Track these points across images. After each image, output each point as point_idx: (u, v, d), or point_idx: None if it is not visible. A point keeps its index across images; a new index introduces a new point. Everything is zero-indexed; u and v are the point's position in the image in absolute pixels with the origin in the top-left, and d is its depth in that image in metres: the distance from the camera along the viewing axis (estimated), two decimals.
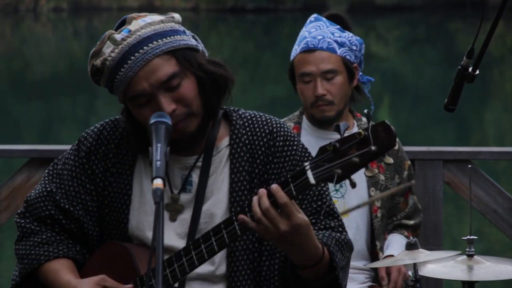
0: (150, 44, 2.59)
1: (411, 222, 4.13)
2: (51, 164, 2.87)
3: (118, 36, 2.62)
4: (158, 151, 2.39)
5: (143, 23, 2.63)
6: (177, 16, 2.71)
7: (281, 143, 2.72)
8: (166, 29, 2.64)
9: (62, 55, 32.32)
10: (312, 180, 2.34)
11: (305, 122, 4.04)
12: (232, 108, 2.81)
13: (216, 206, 2.70)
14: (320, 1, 38.74)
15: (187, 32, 2.71)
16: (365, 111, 2.35)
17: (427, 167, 4.98)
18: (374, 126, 2.26)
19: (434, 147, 5.26)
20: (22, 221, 2.81)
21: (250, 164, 2.71)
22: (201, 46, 2.71)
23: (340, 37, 3.94)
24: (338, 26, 3.98)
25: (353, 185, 2.31)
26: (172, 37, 2.63)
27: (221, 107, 2.75)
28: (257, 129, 2.74)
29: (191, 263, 2.55)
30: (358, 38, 4.02)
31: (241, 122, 2.76)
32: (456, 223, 10.46)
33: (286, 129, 2.76)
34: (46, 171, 2.86)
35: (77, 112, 21.27)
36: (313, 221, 2.65)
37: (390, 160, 3.98)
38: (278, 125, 2.76)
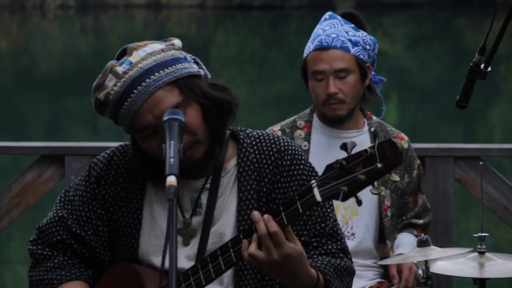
0: (152, 76, 2.59)
1: (421, 221, 4.14)
2: (63, 191, 2.88)
3: (119, 69, 2.61)
4: (171, 148, 2.40)
5: (144, 53, 2.62)
6: (177, 42, 2.70)
7: (288, 162, 2.72)
8: (167, 58, 2.63)
9: (69, 52, 32.38)
10: (318, 198, 2.36)
11: (315, 120, 4.04)
12: (239, 128, 2.81)
13: (225, 226, 2.71)
14: None
15: (188, 57, 2.70)
16: (372, 129, 2.38)
17: (437, 164, 4.98)
18: (380, 144, 2.29)
19: (445, 144, 5.25)
20: (34, 247, 2.83)
21: (258, 182, 2.72)
22: (203, 71, 2.71)
23: (354, 36, 3.93)
24: (352, 25, 3.98)
25: (359, 202, 2.33)
26: (173, 66, 2.62)
27: (225, 130, 2.75)
28: (265, 148, 2.75)
29: (198, 282, 2.57)
30: (372, 37, 4.02)
31: (248, 141, 2.76)
32: (465, 220, 10.47)
33: (293, 148, 2.77)
34: (58, 198, 2.88)
35: (83, 110, 21.31)
36: (315, 244, 2.68)
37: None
38: (286, 143, 2.76)
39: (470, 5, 39.93)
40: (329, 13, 4.06)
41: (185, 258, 2.71)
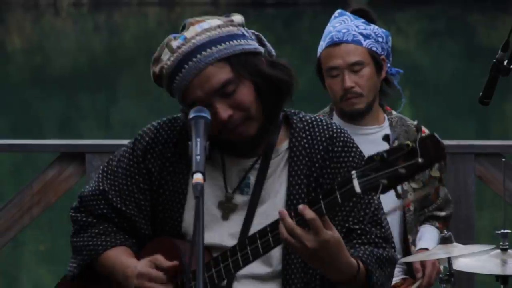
0: (203, 52, 2.59)
1: (443, 213, 4.14)
2: (107, 160, 2.89)
3: (174, 44, 2.63)
4: (197, 145, 2.40)
5: (200, 29, 2.63)
6: (237, 18, 2.69)
7: (339, 148, 2.72)
8: (223, 34, 2.63)
9: (82, 50, 32.42)
10: (357, 189, 2.34)
11: (335, 118, 4.04)
12: (292, 111, 2.80)
13: (273, 209, 2.69)
14: None
15: (249, 33, 2.69)
16: (415, 122, 2.36)
17: (458, 161, 4.96)
18: (422, 138, 2.27)
19: (466, 141, 5.24)
20: (78, 215, 2.84)
21: (308, 168, 2.71)
22: (263, 48, 2.70)
23: (365, 29, 3.94)
24: (363, 20, 3.99)
25: (399, 196, 2.32)
26: (228, 43, 2.62)
27: (281, 110, 2.75)
28: (317, 133, 2.74)
29: (236, 264, 2.57)
30: (384, 30, 4.03)
31: (301, 126, 2.75)
32: (484, 217, 10.43)
33: (346, 135, 2.76)
34: (101, 167, 2.88)
35: (97, 107, 21.35)
36: (359, 231, 2.67)
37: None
38: (338, 130, 2.76)
39: (483, 1, 39.78)
40: (339, 10, 4.08)
41: (229, 236, 2.71)
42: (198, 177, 2.32)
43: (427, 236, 4.02)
